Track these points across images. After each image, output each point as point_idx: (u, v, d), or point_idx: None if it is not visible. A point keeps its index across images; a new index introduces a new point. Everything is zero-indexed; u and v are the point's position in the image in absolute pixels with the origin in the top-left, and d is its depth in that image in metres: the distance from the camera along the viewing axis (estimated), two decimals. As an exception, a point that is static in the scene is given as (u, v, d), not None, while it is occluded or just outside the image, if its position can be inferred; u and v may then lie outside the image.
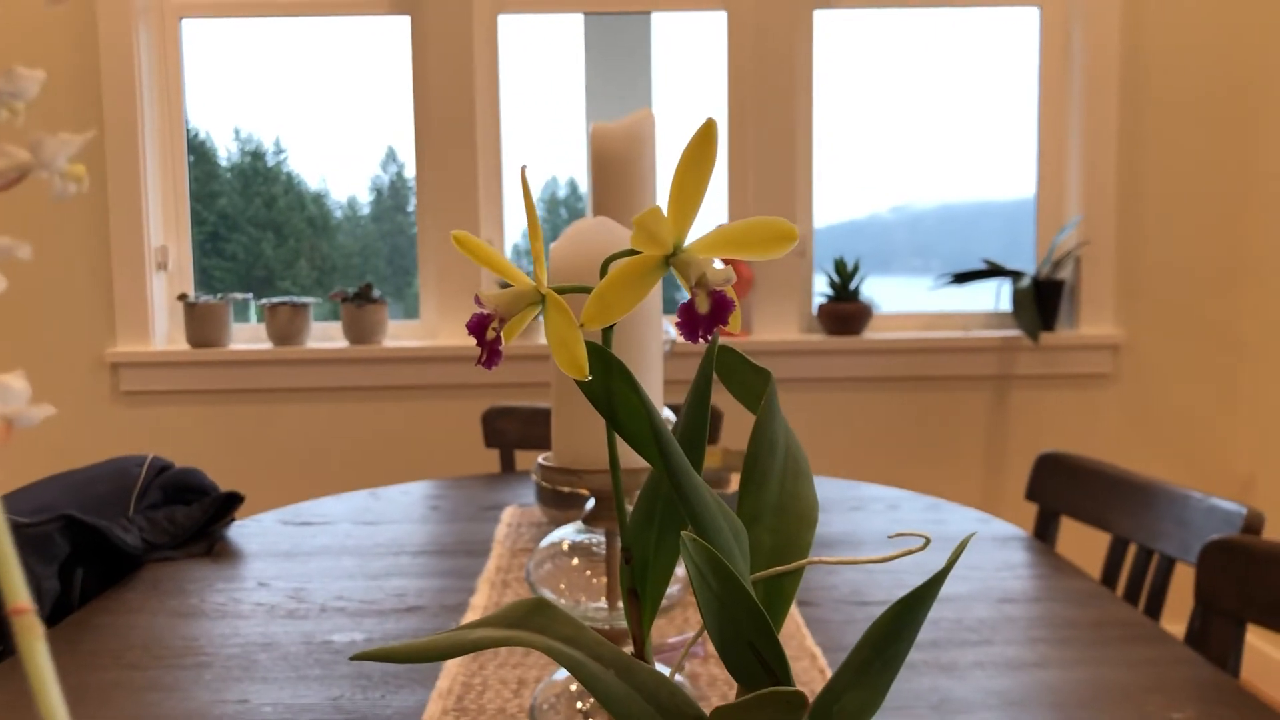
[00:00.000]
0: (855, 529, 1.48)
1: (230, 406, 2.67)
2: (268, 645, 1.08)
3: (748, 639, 0.29)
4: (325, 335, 2.79)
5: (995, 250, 2.82)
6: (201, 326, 2.65)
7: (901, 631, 0.33)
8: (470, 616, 1.15)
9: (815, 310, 2.78)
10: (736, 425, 2.36)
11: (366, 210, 3.07)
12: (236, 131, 2.96)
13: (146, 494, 1.44)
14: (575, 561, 0.70)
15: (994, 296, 2.77)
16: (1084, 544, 2.38)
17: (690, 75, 2.85)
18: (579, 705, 0.71)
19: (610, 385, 0.33)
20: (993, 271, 2.68)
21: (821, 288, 2.77)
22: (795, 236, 0.31)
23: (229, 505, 1.48)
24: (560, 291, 0.33)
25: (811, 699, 0.40)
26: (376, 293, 2.69)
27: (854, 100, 2.82)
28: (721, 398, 2.11)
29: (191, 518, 1.44)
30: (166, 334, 2.74)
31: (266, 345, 2.69)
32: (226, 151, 2.95)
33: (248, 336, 2.78)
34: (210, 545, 1.42)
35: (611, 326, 0.32)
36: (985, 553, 1.36)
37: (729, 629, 0.30)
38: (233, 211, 2.93)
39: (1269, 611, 1.04)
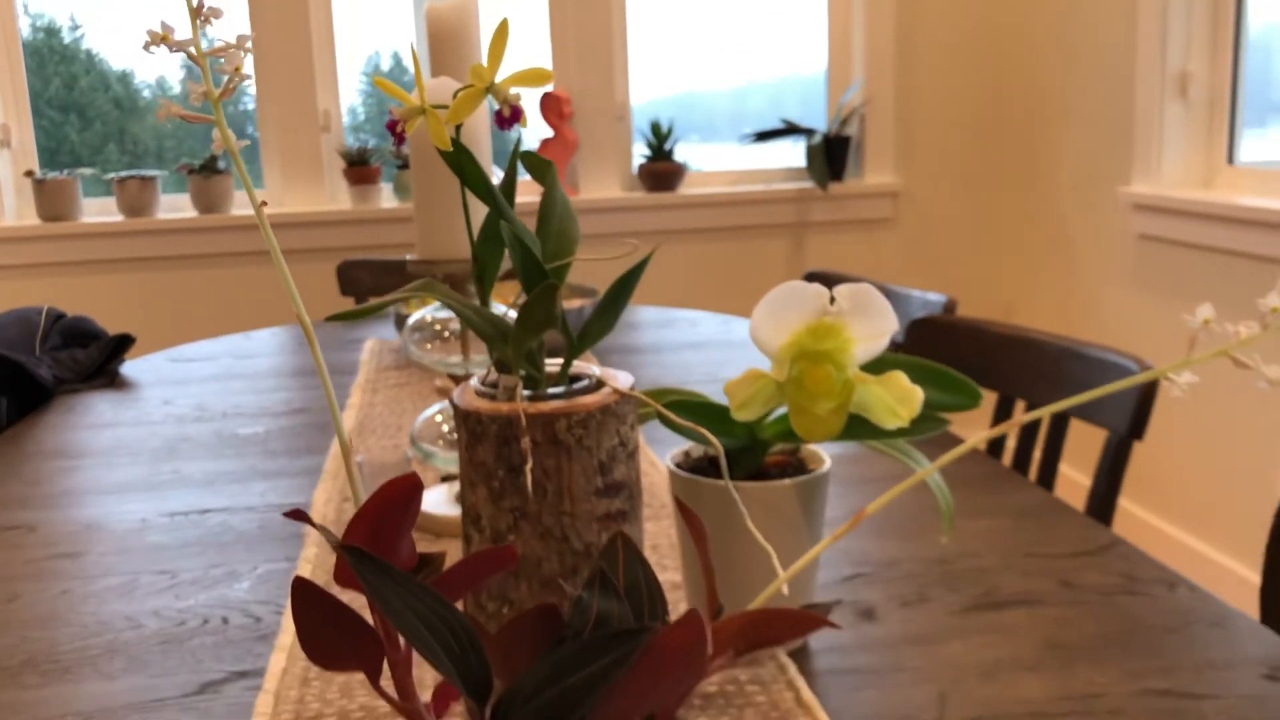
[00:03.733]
0: (660, 337, 1.81)
1: (85, 278, 2.81)
2: (185, 439, 1.34)
3: (538, 277, 0.58)
4: (174, 207, 2.93)
5: (804, 116, 3.15)
6: (52, 201, 2.76)
7: (620, 294, 0.63)
8: (350, 415, 1.42)
9: (636, 171, 3.06)
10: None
11: (178, 90, 3.08)
12: (25, 7, 2.86)
13: (48, 338, 1.65)
14: (438, 328, 0.98)
15: (792, 153, 3.11)
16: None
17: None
18: (444, 429, 1.01)
19: (460, 158, 0.60)
20: (789, 130, 3.02)
21: (642, 151, 3.05)
22: (549, 76, 0.58)
23: (123, 345, 1.69)
24: (436, 109, 0.60)
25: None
26: (222, 164, 2.84)
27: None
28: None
29: (91, 357, 1.65)
30: (15, 210, 2.84)
31: (118, 218, 2.82)
32: (16, 29, 2.82)
33: (96, 210, 2.89)
34: (111, 378, 1.65)
35: (459, 126, 0.60)
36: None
37: (527, 274, 0.59)
38: (30, 94, 2.83)
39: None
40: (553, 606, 0.43)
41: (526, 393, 0.61)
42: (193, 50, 0.42)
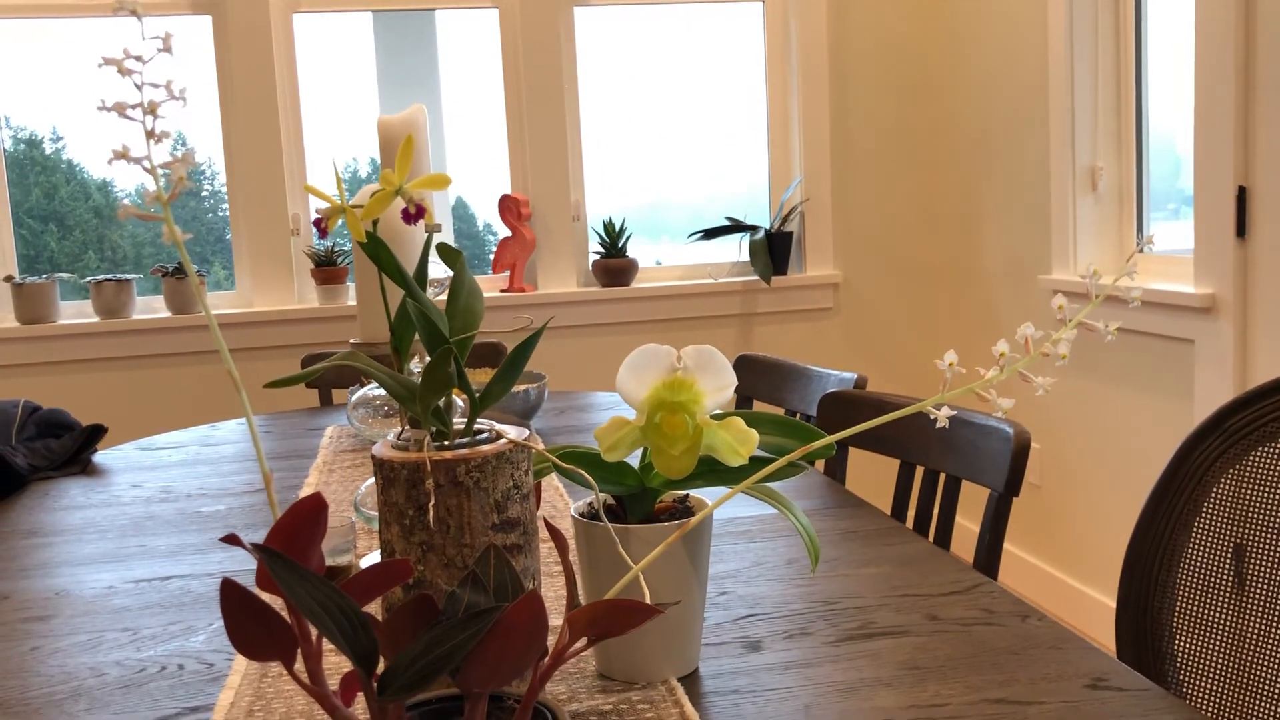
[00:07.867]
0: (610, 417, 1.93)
1: (62, 376, 2.91)
2: (150, 518, 1.43)
3: (439, 345, 0.71)
4: (148, 308, 3.05)
5: (751, 214, 3.32)
6: (30, 304, 2.87)
7: (516, 362, 0.75)
8: (305, 493, 1.52)
9: (590, 266, 3.21)
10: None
11: (155, 196, 3.23)
12: (6, 120, 2.98)
13: (24, 429, 1.75)
14: (379, 403, 1.10)
15: (737, 249, 3.27)
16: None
17: (472, 63, 3.23)
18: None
19: (377, 248, 0.73)
20: (734, 227, 3.18)
21: (596, 249, 3.21)
22: (448, 181, 0.71)
23: (95, 435, 1.79)
24: (354, 208, 0.73)
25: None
26: (196, 267, 2.97)
27: (633, 89, 3.26)
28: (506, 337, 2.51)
29: (65, 446, 1.75)
30: (-7, 314, 2.95)
31: (95, 319, 2.94)
32: (-2, 142, 2.94)
33: (73, 313, 3.01)
34: (84, 466, 1.74)
35: (376, 221, 0.73)
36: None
37: (430, 343, 0.70)
38: (10, 203, 2.92)
39: (862, 439, 1.53)
40: (428, 598, 0.54)
41: (435, 444, 0.73)
42: (146, 165, 0.54)
